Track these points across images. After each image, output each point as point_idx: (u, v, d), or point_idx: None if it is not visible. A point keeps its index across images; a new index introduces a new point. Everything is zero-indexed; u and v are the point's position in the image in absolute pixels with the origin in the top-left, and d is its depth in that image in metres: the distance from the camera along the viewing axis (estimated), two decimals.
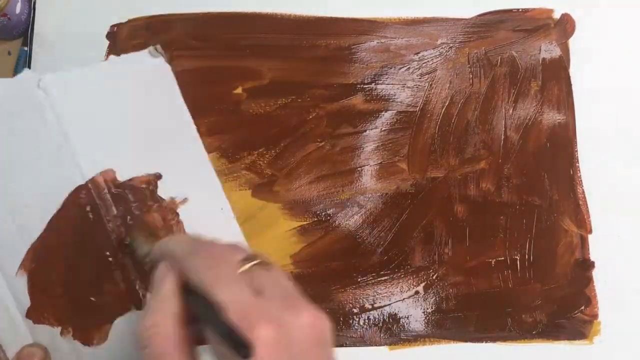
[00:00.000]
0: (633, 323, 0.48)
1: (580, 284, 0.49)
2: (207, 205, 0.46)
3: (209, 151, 0.50)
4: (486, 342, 0.48)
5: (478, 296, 0.48)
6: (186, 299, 0.29)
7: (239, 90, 0.51)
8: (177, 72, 0.51)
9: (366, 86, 0.51)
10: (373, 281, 0.48)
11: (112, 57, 0.44)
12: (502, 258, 0.49)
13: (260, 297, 0.28)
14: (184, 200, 0.43)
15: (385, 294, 0.48)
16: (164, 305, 0.29)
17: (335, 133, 0.51)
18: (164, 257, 0.31)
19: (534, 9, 0.53)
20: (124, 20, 0.52)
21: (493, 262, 0.49)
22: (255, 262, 0.29)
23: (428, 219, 0.50)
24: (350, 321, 0.48)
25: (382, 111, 0.51)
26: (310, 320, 0.28)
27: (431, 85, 0.52)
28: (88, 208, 0.37)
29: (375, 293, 0.48)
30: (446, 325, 0.48)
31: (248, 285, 0.28)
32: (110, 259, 0.37)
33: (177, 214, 0.42)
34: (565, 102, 0.52)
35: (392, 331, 0.48)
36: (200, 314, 0.28)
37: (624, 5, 0.53)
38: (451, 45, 0.52)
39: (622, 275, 0.49)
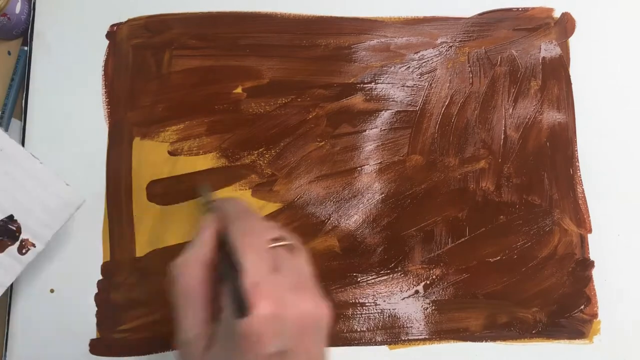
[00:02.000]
0: (633, 322, 0.48)
1: (580, 283, 0.49)
2: None
3: (209, 151, 0.50)
4: (486, 341, 0.48)
5: (478, 295, 0.49)
6: (219, 251, 0.33)
7: (239, 90, 0.51)
8: (177, 72, 0.51)
9: (366, 85, 0.51)
10: (373, 281, 0.49)
11: None
12: (502, 257, 0.49)
13: (275, 274, 0.31)
14: None
15: (385, 294, 0.48)
16: (198, 249, 0.34)
17: (335, 133, 0.51)
18: (216, 211, 0.35)
19: (534, 8, 0.53)
20: (123, 20, 0.52)
21: (493, 262, 0.49)
22: (283, 242, 0.33)
23: (428, 218, 0.50)
24: (350, 321, 0.48)
25: (382, 111, 0.51)
26: (310, 307, 0.31)
27: (431, 84, 0.52)
28: None
29: (375, 293, 0.48)
30: (446, 324, 0.48)
31: (270, 261, 0.32)
32: None
33: None
34: (565, 101, 0.52)
35: (392, 331, 0.48)
36: (224, 267, 0.32)
37: (624, 4, 0.53)
38: (451, 44, 0.52)
39: (622, 275, 0.49)
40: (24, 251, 0.44)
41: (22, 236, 0.44)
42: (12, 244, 0.43)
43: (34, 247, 0.44)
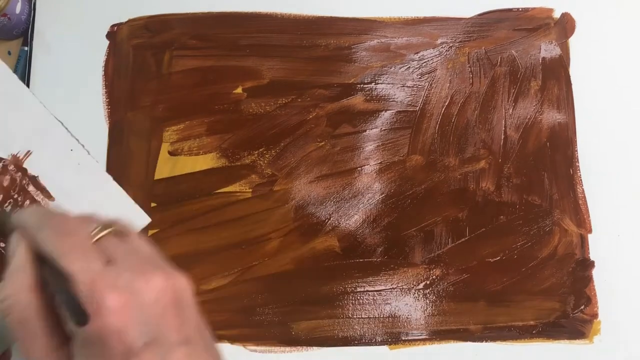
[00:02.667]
0: (633, 322, 0.48)
1: (580, 283, 0.49)
2: (55, 151, 0.45)
3: (209, 151, 0.50)
4: (486, 341, 0.48)
5: (478, 296, 0.49)
6: (41, 268, 0.29)
7: (239, 90, 0.51)
8: (177, 72, 0.51)
9: (366, 86, 0.51)
10: (373, 281, 0.49)
11: None
12: (502, 257, 0.49)
13: (111, 265, 0.28)
14: (28, 154, 0.43)
15: (385, 294, 0.48)
16: (18, 275, 0.29)
17: (336, 133, 0.51)
18: (17, 228, 0.31)
19: (534, 9, 0.53)
20: (124, 20, 0.52)
21: (493, 262, 0.49)
22: (107, 231, 0.30)
23: (428, 218, 0.50)
24: (351, 321, 0.48)
25: (382, 111, 0.51)
26: (161, 283, 0.28)
27: (431, 84, 0.52)
28: None
29: (375, 293, 0.48)
30: (446, 324, 0.48)
31: (99, 255, 0.28)
32: None
33: (25, 170, 0.42)
34: (565, 101, 0.52)
35: (392, 331, 0.48)
36: (52, 283, 0.28)
37: (624, 4, 0.53)
38: (451, 44, 0.52)
39: (622, 275, 0.49)
40: None
41: None
42: None
43: None
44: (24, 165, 0.44)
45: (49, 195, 0.45)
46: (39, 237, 0.29)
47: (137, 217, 0.46)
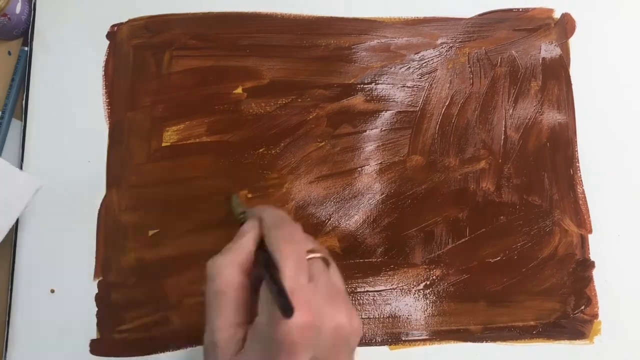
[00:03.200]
0: (633, 323, 0.48)
1: (580, 284, 0.49)
2: None
3: (209, 151, 0.50)
4: (486, 342, 0.48)
5: (478, 296, 0.48)
6: (257, 256, 0.34)
7: (239, 90, 0.51)
8: (177, 72, 0.51)
9: (366, 86, 0.51)
10: (373, 281, 0.49)
11: None
12: (502, 258, 0.49)
13: (311, 284, 0.31)
14: None
15: (385, 294, 0.48)
16: (238, 252, 0.33)
17: (336, 133, 0.51)
18: (255, 219, 0.35)
19: (534, 9, 0.53)
20: (124, 20, 0.52)
21: (493, 262, 0.49)
22: (319, 255, 0.34)
23: (428, 219, 0.50)
24: None
25: (382, 111, 0.51)
26: (344, 320, 0.31)
27: (431, 85, 0.52)
28: None
29: (375, 293, 0.48)
30: (446, 325, 0.48)
31: (307, 271, 0.32)
32: None
33: None
34: (565, 102, 0.52)
35: (393, 331, 0.48)
36: (263, 273, 0.32)
37: (624, 4, 0.53)
38: (451, 45, 0.52)
39: (622, 275, 0.49)
40: None
41: None
42: None
43: None
44: None
45: None
46: (271, 234, 0.33)
47: (28, 184, 0.45)
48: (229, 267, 0.33)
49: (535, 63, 0.52)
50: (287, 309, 0.28)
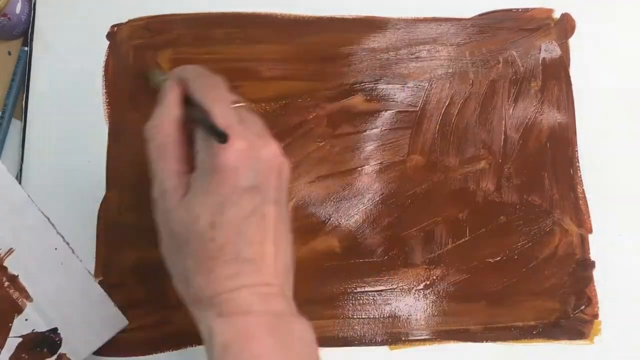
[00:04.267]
0: (633, 323, 0.48)
1: (581, 283, 0.49)
2: (38, 249, 0.45)
3: None
4: (486, 342, 0.48)
5: (478, 296, 0.48)
6: (185, 109, 0.36)
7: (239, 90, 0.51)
8: None
9: (366, 86, 0.51)
10: (373, 281, 0.48)
11: None
12: (502, 258, 0.49)
13: (241, 124, 0.34)
14: (10, 251, 0.43)
15: (385, 294, 0.48)
16: (167, 110, 0.36)
17: (335, 133, 0.51)
18: (175, 77, 0.37)
19: (534, 9, 0.53)
20: (124, 20, 0.52)
21: (493, 262, 0.49)
22: (244, 104, 0.36)
23: (428, 219, 0.50)
24: (351, 321, 0.48)
25: (382, 111, 0.51)
26: (275, 152, 0.34)
27: (431, 85, 0.52)
28: None
29: (375, 293, 0.48)
30: (446, 325, 0.48)
31: (236, 113, 0.34)
32: None
33: (6, 268, 0.43)
34: (565, 102, 0.52)
35: (393, 331, 0.48)
36: (196, 119, 0.34)
37: (624, 4, 0.53)
38: (451, 45, 0.52)
39: (622, 275, 0.49)
40: None
41: (61, 350, 0.44)
42: (50, 356, 0.44)
43: None
44: (4, 264, 0.44)
45: (27, 296, 0.44)
46: (194, 85, 0.36)
47: (117, 321, 0.46)
48: (163, 125, 0.35)
49: (535, 63, 0.52)
50: (221, 135, 0.31)
